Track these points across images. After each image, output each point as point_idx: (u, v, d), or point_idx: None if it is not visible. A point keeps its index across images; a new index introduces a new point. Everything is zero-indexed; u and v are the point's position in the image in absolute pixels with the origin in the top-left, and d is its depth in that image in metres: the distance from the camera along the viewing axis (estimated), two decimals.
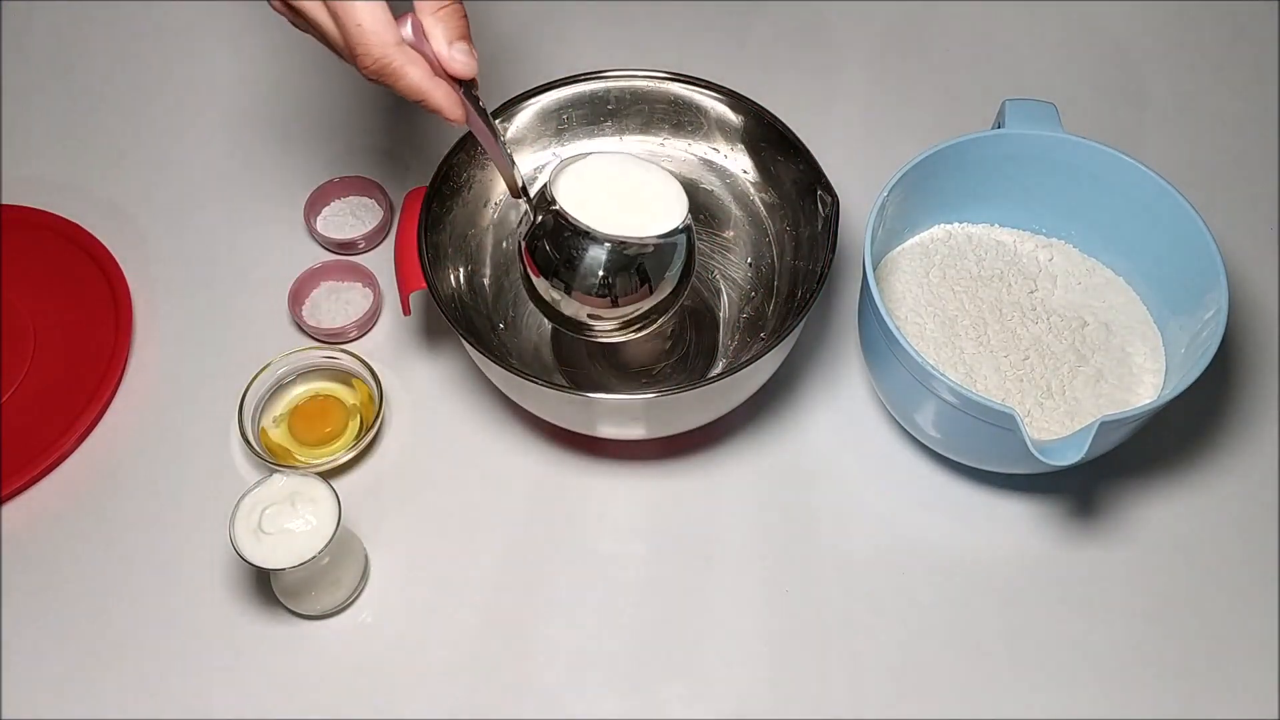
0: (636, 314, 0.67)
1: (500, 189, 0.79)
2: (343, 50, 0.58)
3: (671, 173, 0.66)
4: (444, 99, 0.59)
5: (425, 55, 0.58)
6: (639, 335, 0.69)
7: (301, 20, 0.60)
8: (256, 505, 0.65)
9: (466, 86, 0.60)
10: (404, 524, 0.75)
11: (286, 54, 0.97)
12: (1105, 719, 0.68)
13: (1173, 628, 0.71)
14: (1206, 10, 0.99)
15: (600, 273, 0.64)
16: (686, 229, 0.66)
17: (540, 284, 0.66)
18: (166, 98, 0.95)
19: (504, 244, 0.80)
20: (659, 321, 0.68)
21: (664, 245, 0.65)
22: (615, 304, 0.66)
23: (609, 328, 0.68)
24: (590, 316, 0.67)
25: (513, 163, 0.65)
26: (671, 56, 0.93)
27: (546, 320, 0.70)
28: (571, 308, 0.66)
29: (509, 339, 0.78)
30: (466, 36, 0.59)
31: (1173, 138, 0.92)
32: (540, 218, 0.65)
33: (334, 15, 0.57)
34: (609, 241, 0.63)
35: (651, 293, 0.66)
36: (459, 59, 0.58)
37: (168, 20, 0.99)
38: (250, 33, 0.98)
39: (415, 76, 0.58)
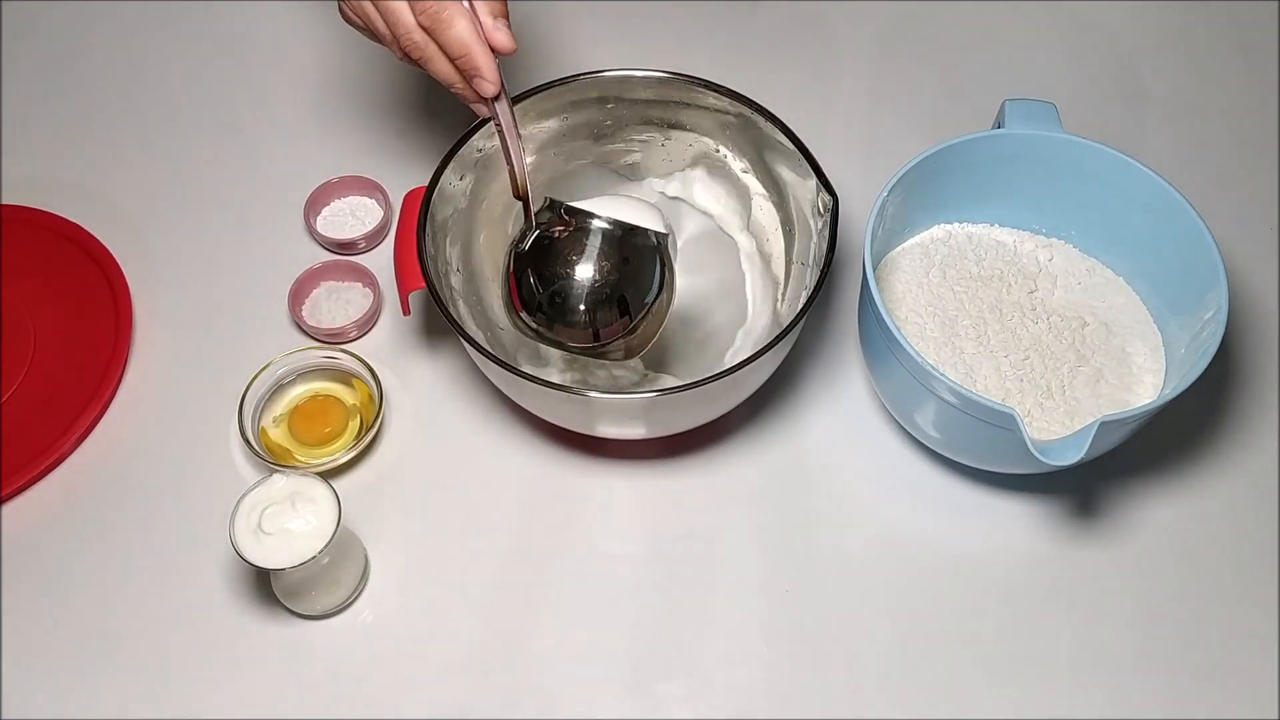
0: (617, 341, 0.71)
1: (499, 187, 0.78)
2: (391, 8, 0.62)
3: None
4: (485, 60, 0.62)
5: None
6: (623, 359, 0.73)
7: None
8: (256, 505, 0.65)
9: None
10: (404, 524, 0.75)
11: (287, 54, 0.97)
12: (1105, 719, 0.68)
13: (1173, 628, 0.71)
14: (1206, 10, 0.99)
15: (584, 300, 0.68)
16: (662, 251, 0.70)
17: (524, 318, 0.70)
18: (167, 98, 0.95)
19: (504, 243, 0.81)
20: (644, 350, 0.71)
21: (644, 266, 0.69)
22: (597, 337, 0.70)
23: (589, 352, 0.71)
24: (573, 343, 0.71)
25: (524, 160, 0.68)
26: (671, 56, 0.93)
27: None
28: (555, 338, 0.70)
29: (508, 339, 0.78)
30: (506, 16, 0.63)
31: (1173, 138, 0.92)
32: (537, 227, 0.69)
33: None
34: (607, 229, 0.68)
35: (631, 320, 0.70)
36: (501, 32, 0.63)
37: (168, 20, 0.99)
38: (250, 33, 0.98)
39: (464, 28, 0.61)
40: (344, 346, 0.80)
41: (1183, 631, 0.71)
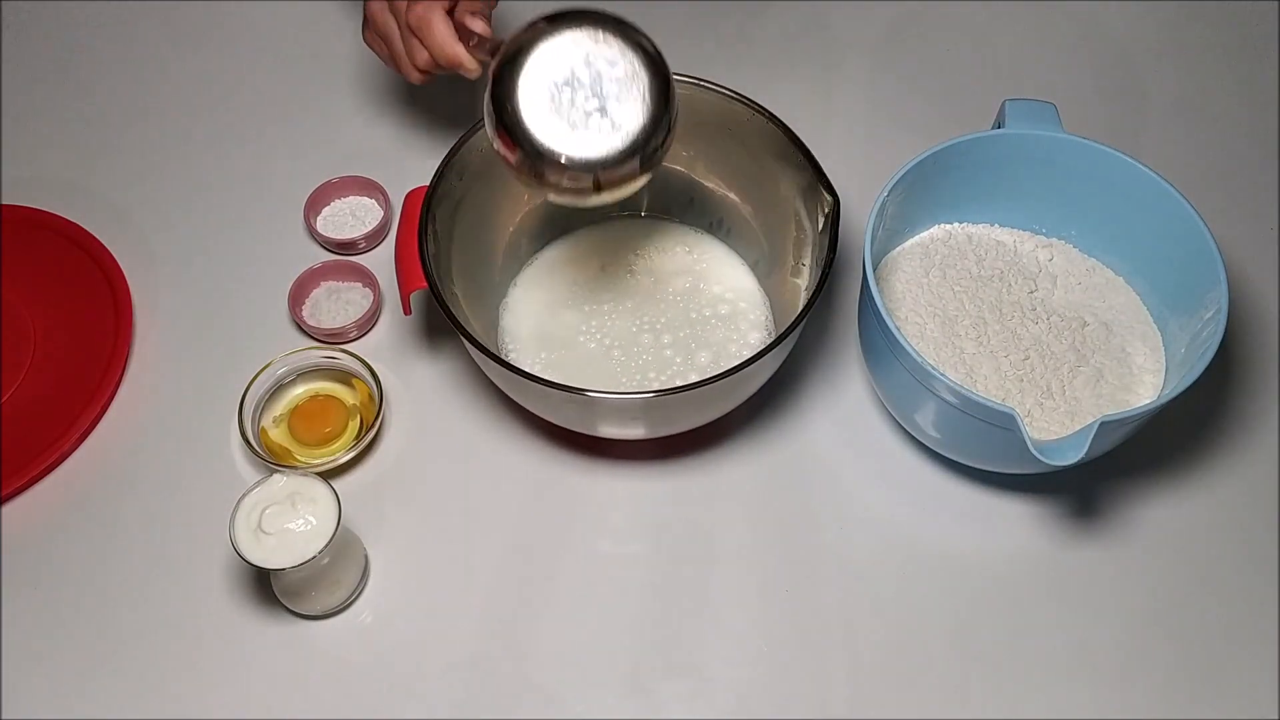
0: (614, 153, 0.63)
1: (501, 186, 0.78)
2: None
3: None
4: (464, 57, 0.70)
5: None
6: (617, 191, 0.65)
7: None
8: (256, 505, 0.65)
9: None
10: (404, 524, 0.75)
11: (287, 54, 0.97)
12: (1105, 719, 0.68)
13: (1173, 628, 0.71)
14: (1206, 10, 0.99)
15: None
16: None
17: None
18: (167, 98, 0.95)
19: (504, 243, 0.81)
20: (641, 179, 0.64)
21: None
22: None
23: (584, 185, 0.64)
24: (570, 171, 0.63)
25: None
26: (671, 57, 0.93)
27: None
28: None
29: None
30: (484, 15, 0.71)
31: (1173, 138, 0.92)
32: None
33: None
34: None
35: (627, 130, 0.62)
36: (478, 21, 0.70)
37: (168, 20, 0.99)
38: (251, 33, 0.98)
39: (442, 33, 0.69)
40: (344, 346, 0.80)
41: (1183, 631, 0.71)
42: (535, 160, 0.63)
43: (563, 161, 0.62)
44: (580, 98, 0.62)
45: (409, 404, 0.79)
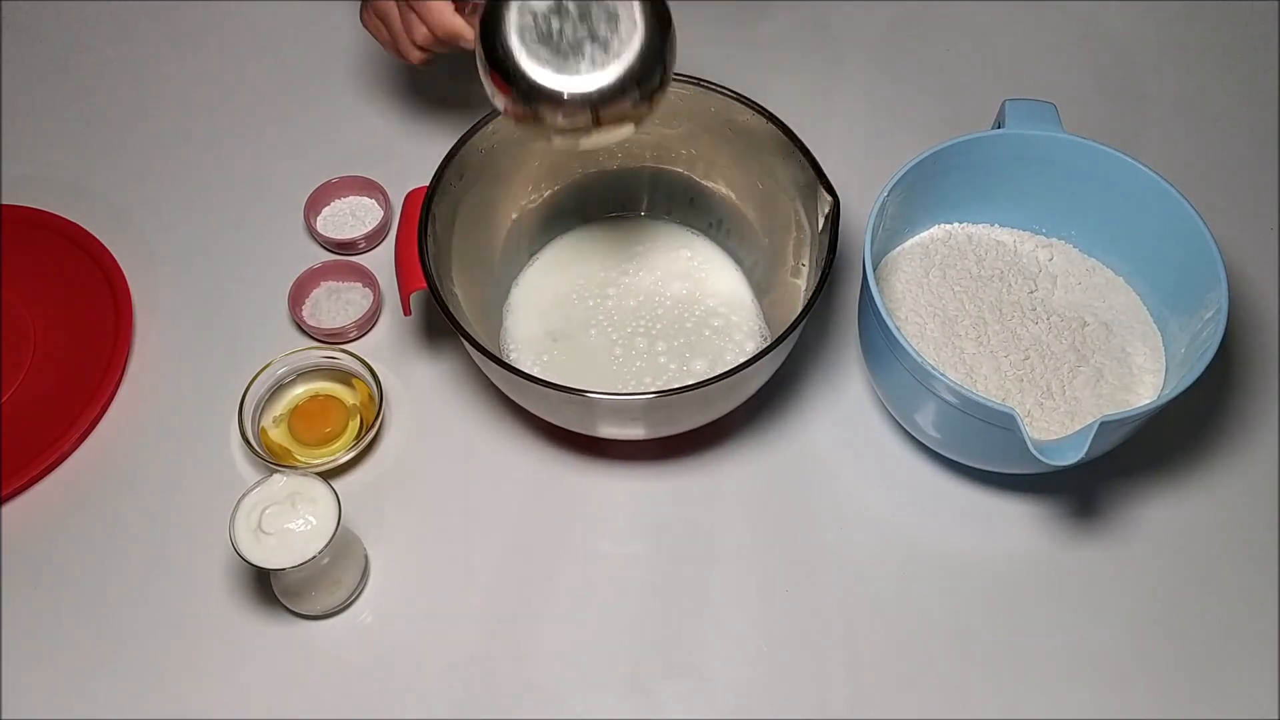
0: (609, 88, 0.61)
1: (501, 186, 0.78)
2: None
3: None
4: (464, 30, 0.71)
5: None
6: (617, 128, 0.63)
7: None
8: (256, 505, 0.65)
9: None
10: (404, 524, 0.75)
11: (287, 55, 0.97)
12: (1105, 719, 0.68)
13: (1173, 628, 0.71)
14: (1206, 10, 0.99)
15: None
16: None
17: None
18: (167, 98, 0.95)
19: (504, 243, 0.81)
20: (635, 117, 0.63)
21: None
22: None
23: (580, 121, 0.62)
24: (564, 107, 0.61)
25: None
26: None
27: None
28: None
29: (508, 338, 0.78)
30: None
31: (1173, 138, 0.92)
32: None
33: None
34: None
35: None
36: None
37: (168, 20, 0.99)
38: (251, 33, 0.98)
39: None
40: (344, 346, 0.80)
41: (1182, 631, 0.71)
42: (529, 98, 0.61)
43: (560, 97, 0.60)
44: (569, 27, 0.60)
45: (409, 404, 0.79)
